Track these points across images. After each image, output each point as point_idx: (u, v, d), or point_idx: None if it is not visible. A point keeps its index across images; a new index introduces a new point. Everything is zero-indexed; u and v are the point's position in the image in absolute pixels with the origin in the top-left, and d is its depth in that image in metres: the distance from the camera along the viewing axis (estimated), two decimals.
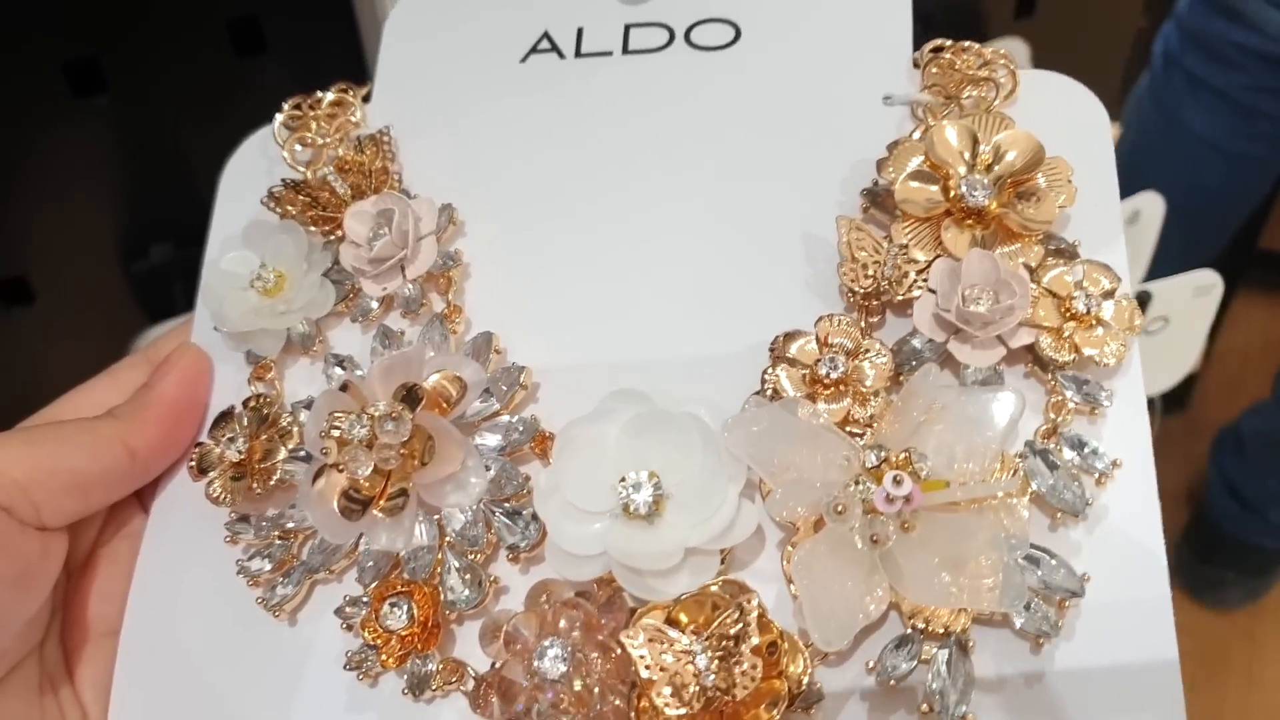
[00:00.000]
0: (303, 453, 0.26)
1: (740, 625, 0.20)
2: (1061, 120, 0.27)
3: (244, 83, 0.32)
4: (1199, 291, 0.49)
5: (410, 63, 0.32)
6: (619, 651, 0.21)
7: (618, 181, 0.29)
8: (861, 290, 0.25)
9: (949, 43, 0.29)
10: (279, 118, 0.30)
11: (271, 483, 0.25)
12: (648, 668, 0.20)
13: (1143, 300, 0.49)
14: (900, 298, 0.25)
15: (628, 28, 0.31)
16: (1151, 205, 0.54)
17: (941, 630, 0.22)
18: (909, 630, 0.22)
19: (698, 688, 0.20)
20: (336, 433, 0.23)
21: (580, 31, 0.31)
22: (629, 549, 0.22)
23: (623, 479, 0.22)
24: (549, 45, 0.31)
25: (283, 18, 0.35)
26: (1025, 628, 0.22)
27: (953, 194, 0.25)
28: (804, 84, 0.29)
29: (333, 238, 0.29)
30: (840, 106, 0.29)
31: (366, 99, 0.32)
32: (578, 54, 0.31)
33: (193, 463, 0.26)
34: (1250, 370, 1.39)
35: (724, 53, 0.30)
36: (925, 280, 0.25)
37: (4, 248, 0.37)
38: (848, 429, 0.23)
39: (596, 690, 0.21)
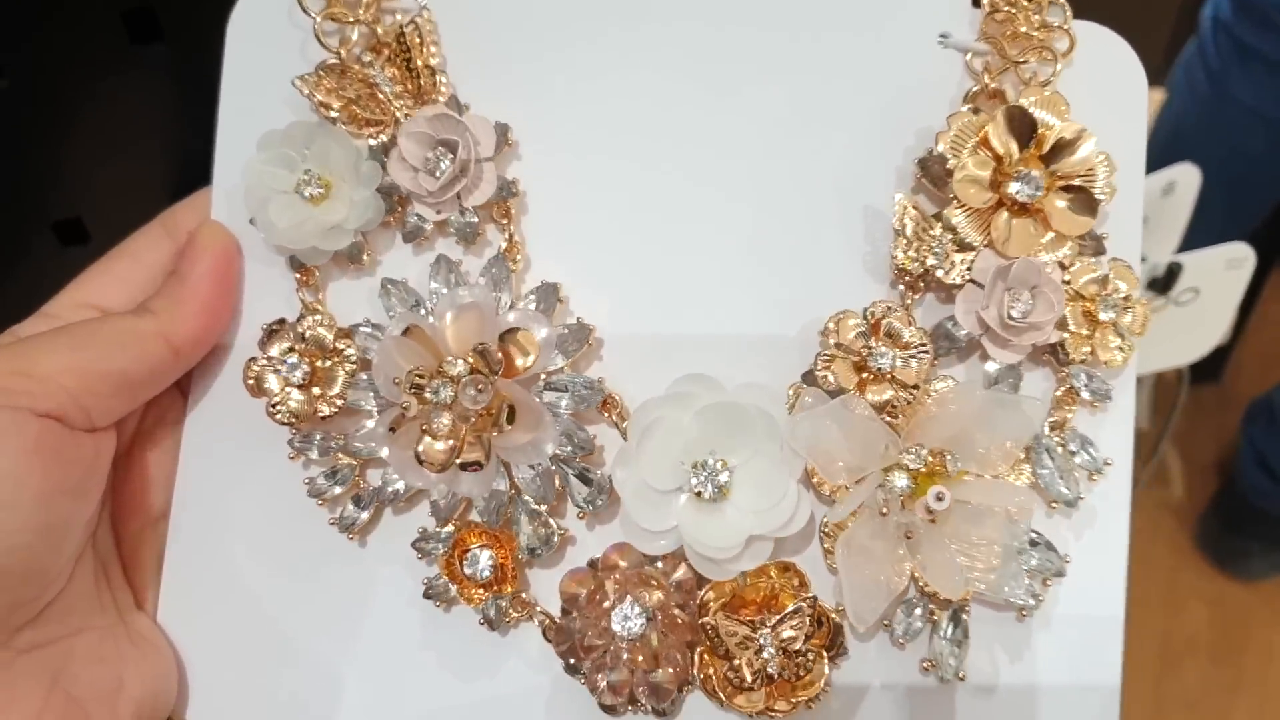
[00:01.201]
0: (365, 380, 0.27)
1: (804, 627, 0.24)
2: (1102, 84, 0.28)
3: None
4: (1231, 264, 0.50)
5: None
6: (683, 619, 0.25)
7: (673, 120, 0.28)
8: (911, 271, 0.27)
9: None
10: None
11: (337, 408, 0.27)
12: (726, 652, 0.23)
13: (1174, 271, 0.49)
14: (945, 279, 0.27)
15: None
16: (1187, 177, 0.53)
17: (945, 598, 0.26)
18: (918, 596, 0.26)
19: (763, 674, 0.24)
20: (417, 390, 0.24)
21: None
22: (699, 536, 0.25)
23: (695, 464, 0.25)
24: None
25: None
26: (1013, 600, 0.26)
27: (1003, 188, 0.26)
28: (862, 4, 0.28)
29: (375, 140, 0.28)
30: (899, 41, 0.28)
31: None
32: None
33: (251, 380, 0.27)
34: None
35: None
36: (970, 270, 0.27)
37: (62, 190, 0.37)
38: (886, 410, 0.26)
39: (668, 650, 0.24)
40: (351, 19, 0.28)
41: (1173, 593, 1.24)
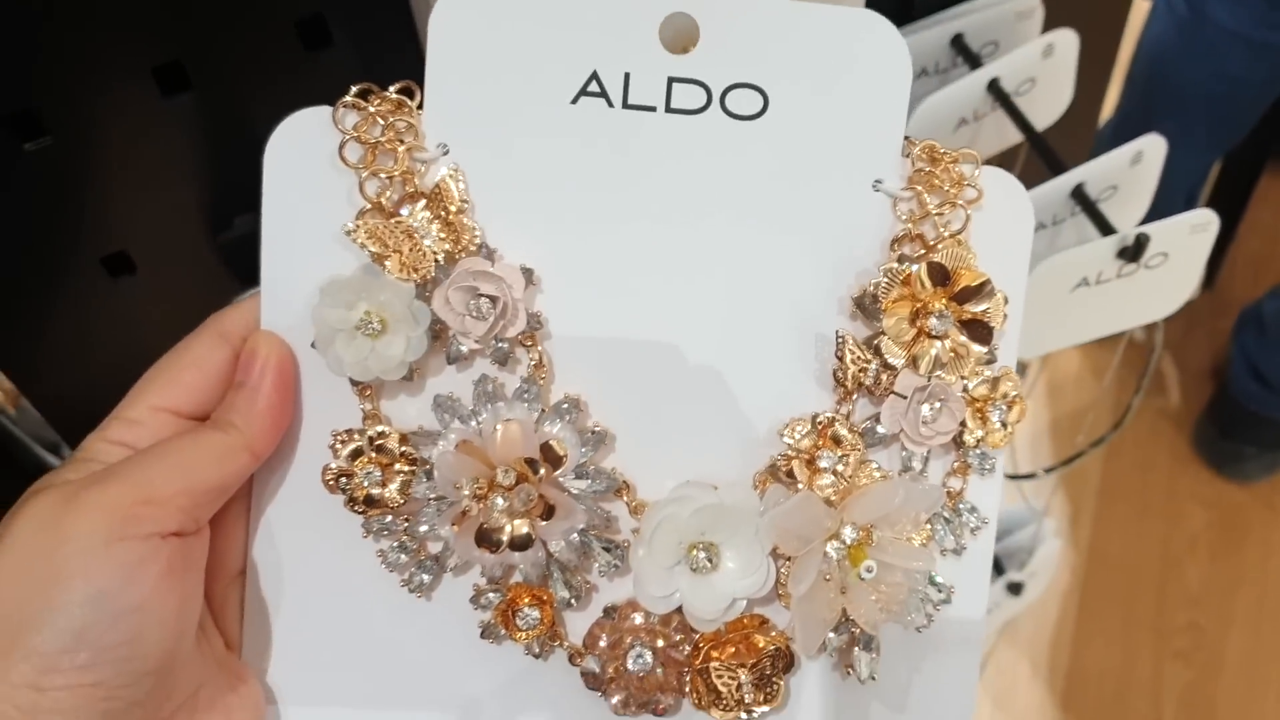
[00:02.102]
0: (423, 475, 0.34)
1: (774, 668, 0.33)
2: (1000, 222, 0.36)
3: (313, 74, 0.34)
4: (1195, 229, 0.53)
5: (459, 74, 0.34)
6: (679, 657, 0.34)
7: (660, 262, 0.35)
8: (849, 386, 0.35)
9: (931, 149, 0.35)
10: (345, 144, 0.33)
11: (402, 501, 0.34)
12: (715, 685, 0.33)
13: (1142, 242, 0.52)
14: (874, 391, 0.35)
15: (671, 81, 0.35)
16: (1154, 147, 0.56)
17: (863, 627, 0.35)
18: (845, 620, 0.35)
19: (741, 701, 0.33)
20: (478, 497, 0.32)
21: (627, 78, 0.34)
22: (694, 602, 0.33)
23: (693, 546, 0.33)
24: (598, 89, 0.35)
25: (345, 14, 0.36)
26: (913, 623, 0.36)
27: (921, 323, 0.34)
28: (812, 162, 0.35)
29: (417, 280, 0.33)
30: (842, 189, 0.35)
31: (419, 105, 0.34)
32: (625, 104, 0.35)
33: (329, 480, 0.34)
34: (1276, 248, 1.41)
35: (750, 124, 0.35)
36: (893, 382, 0.35)
37: (109, 227, 0.40)
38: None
39: (668, 678, 0.33)
40: (386, 173, 0.33)
41: (1172, 497, 1.34)
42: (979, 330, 0.35)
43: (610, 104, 0.34)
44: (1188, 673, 1.27)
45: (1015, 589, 0.98)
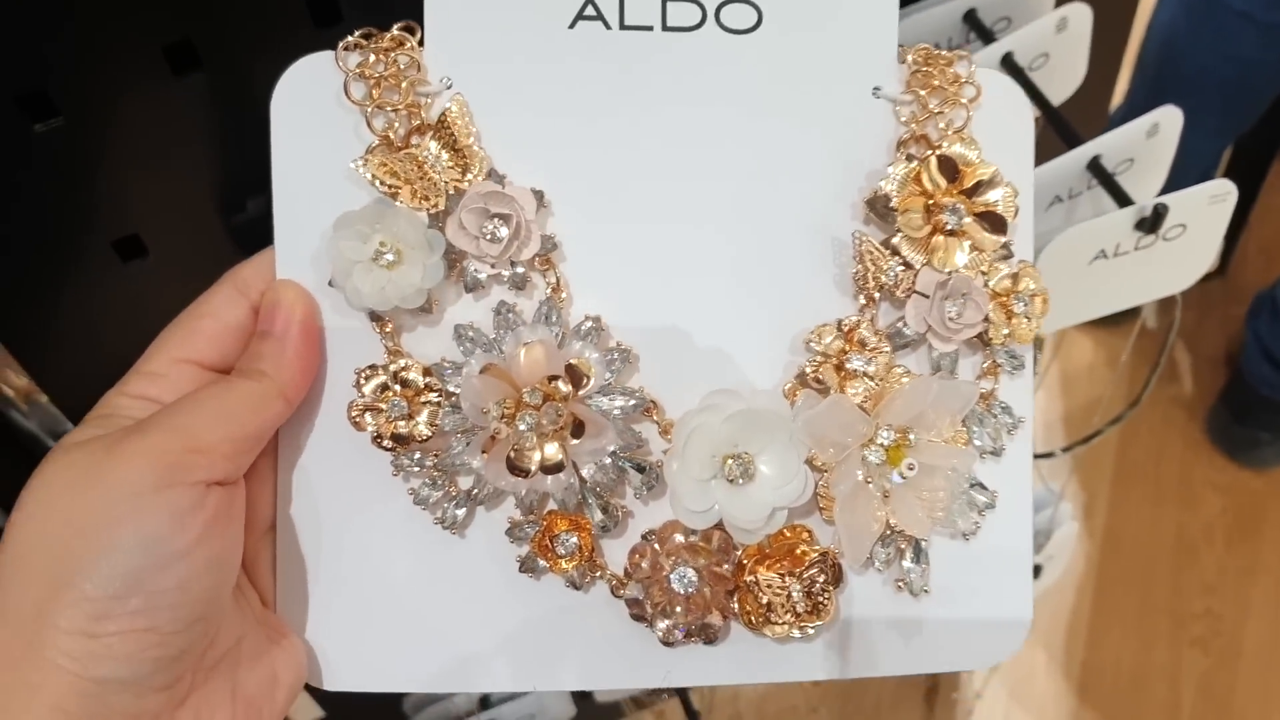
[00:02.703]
0: (449, 407, 0.33)
1: (823, 577, 0.32)
2: (1001, 121, 0.36)
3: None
4: (1214, 200, 0.53)
5: (458, 7, 0.34)
6: (723, 573, 0.33)
7: (671, 178, 0.35)
8: (869, 290, 0.34)
9: (926, 52, 0.36)
10: (349, 78, 0.33)
11: (429, 435, 0.33)
12: (765, 599, 0.32)
13: (1160, 212, 0.51)
14: (897, 292, 0.35)
15: (664, 0, 0.35)
16: (1170, 119, 0.56)
17: (911, 535, 0.34)
18: (890, 533, 0.34)
19: (793, 610, 0.32)
20: (506, 418, 0.31)
21: (622, 1, 0.35)
22: (734, 512, 0.33)
23: (726, 457, 0.32)
24: (595, 12, 0.35)
25: None
26: (961, 529, 0.35)
27: (935, 218, 0.34)
28: (811, 72, 0.35)
29: (431, 210, 0.33)
30: (844, 98, 0.35)
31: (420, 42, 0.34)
32: (622, 25, 0.35)
33: (355, 416, 0.33)
34: None
35: (747, 38, 0.35)
36: (914, 282, 0.34)
37: (120, 210, 0.40)
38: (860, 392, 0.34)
39: (716, 598, 0.33)
40: (391, 106, 0.33)
41: (1187, 484, 1.33)
42: (993, 220, 0.35)
43: (607, 26, 0.34)
44: (1205, 660, 1.26)
45: (1034, 571, 0.97)
